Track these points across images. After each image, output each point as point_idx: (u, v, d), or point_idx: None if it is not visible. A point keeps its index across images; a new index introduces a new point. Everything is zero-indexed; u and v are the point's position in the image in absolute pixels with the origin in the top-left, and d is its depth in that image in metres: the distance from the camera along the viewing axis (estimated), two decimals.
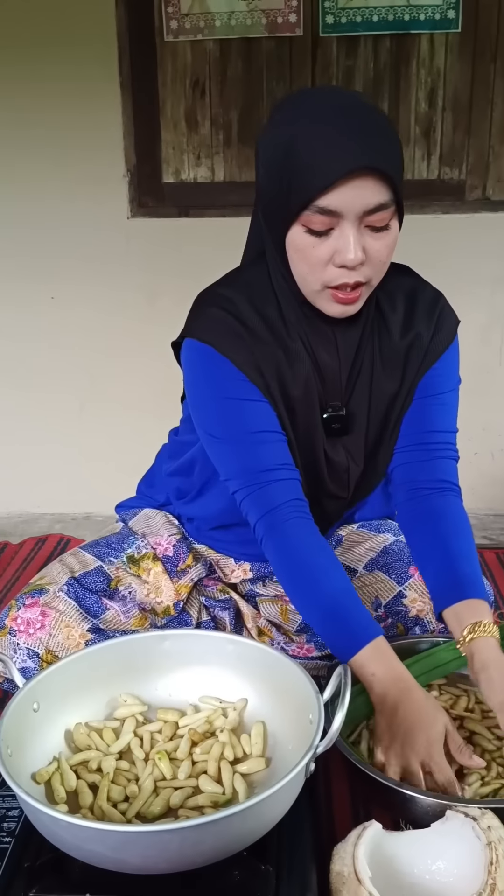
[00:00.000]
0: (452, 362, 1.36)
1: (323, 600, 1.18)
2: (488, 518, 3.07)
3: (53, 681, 1.05)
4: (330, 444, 1.30)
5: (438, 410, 1.34)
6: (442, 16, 2.59)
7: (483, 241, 2.77)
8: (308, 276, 1.15)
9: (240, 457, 1.24)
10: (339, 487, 1.34)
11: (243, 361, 1.21)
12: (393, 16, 2.59)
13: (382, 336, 1.28)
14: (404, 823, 1.00)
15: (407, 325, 1.29)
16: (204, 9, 2.63)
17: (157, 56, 2.68)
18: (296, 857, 0.94)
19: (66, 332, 2.96)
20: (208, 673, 1.13)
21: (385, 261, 1.15)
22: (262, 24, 2.63)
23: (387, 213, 1.09)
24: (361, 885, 0.91)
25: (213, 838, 0.83)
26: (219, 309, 1.22)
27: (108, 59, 2.68)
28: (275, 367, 1.23)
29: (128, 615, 1.36)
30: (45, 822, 0.86)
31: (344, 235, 1.08)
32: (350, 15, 2.60)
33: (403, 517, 1.35)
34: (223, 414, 1.24)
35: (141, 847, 0.82)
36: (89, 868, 0.88)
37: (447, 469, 1.33)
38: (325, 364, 1.25)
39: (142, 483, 1.60)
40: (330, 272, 1.12)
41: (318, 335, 1.24)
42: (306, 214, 1.08)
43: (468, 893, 0.90)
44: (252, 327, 1.22)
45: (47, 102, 2.71)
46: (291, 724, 1.03)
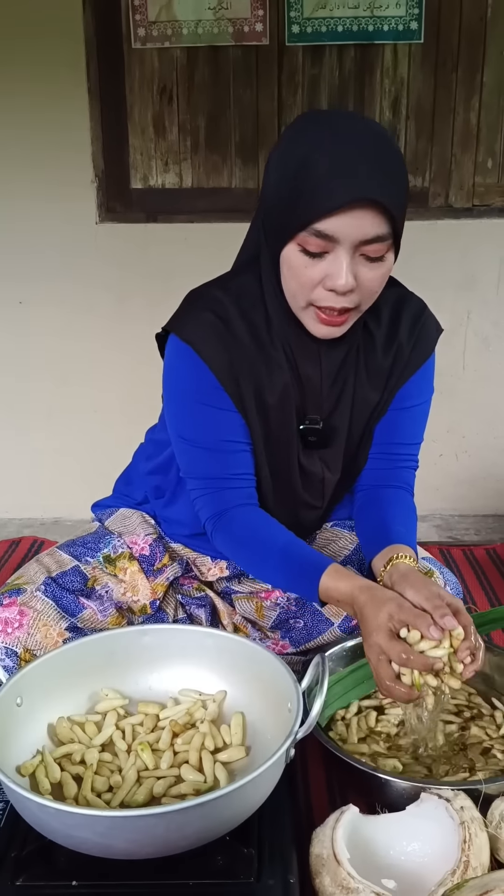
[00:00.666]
0: (428, 374, 1.38)
1: (274, 555, 1.24)
2: (453, 518, 3.13)
3: (36, 676, 1.07)
4: (305, 455, 1.33)
5: (408, 423, 1.38)
6: (405, 27, 2.64)
7: (446, 247, 2.83)
8: (297, 293, 1.17)
9: (203, 460, 1.29)
10: (313, 497, 1.37)
11: (220, 368, 1.23)
12: (357, 26, 2.64)
13: (368, 352, 1.31)
14: (380, 807, 1.03)
15: (391, 338, 1.31)
16: (171, 17, 2.65)
17: (125, 62, 2.70)
18: (277, 841, 0.97)
19: (34, 336, 2.97)
20: (188, 666, 1.15)
21: (376, 290, 1.17)
22: (228, 32, 2.66)
23: (382, 245, 1.11)
24: (340, 866, 0.94)
25: (197, 822, 0.86)
26: (208, 311, 1.24)
27: (75, 65, 2.69)
28: (252, 374, 1.25)
29: (104, 614, 1.38)
30: (32, 811, 0.87)
31: (337, 261, 1.10)
32: (315, 25, 2.65)
33: (357, 507, 1.42)
34: (195, 418, 1.28)
35: (128, 831, 0.84)
36: (75, 856, 0.90)
37: (405, 477, 1.41)
38: (307, 377, 1.28)
39: (119, 481, 1.61)
40: (318, 293, 1.14)
41: (302, 347, 1.26)
42: (303, 235, 1.10)
43: (443, 871, 0.93)
44: (236, 332, 1.24)
45: (15, 108, 2.72)
46: (271, 713, 1.05)
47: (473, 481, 3.11)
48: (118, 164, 2.80)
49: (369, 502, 1.39)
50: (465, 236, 2.82)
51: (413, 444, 1.41)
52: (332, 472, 1.35)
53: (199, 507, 1.31)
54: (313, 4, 2.62)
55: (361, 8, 2.62)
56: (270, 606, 1.46)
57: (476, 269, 2.85)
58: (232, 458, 1.28)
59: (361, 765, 1.06)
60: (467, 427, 3.04)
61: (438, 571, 1.41)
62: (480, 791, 1.00)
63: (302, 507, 1.37)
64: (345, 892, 0.91)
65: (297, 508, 1.37)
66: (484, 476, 3.12)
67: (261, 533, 1.27)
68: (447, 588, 1.39)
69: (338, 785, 1.16)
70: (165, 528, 1.52)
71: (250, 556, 1.29)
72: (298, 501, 1.36)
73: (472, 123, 2.73)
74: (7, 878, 0.91)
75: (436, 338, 1.36)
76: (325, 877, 0.94)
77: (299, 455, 1.32)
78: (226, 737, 1.07)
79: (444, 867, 0.95)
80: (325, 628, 1.43)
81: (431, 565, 1.41)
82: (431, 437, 3.05)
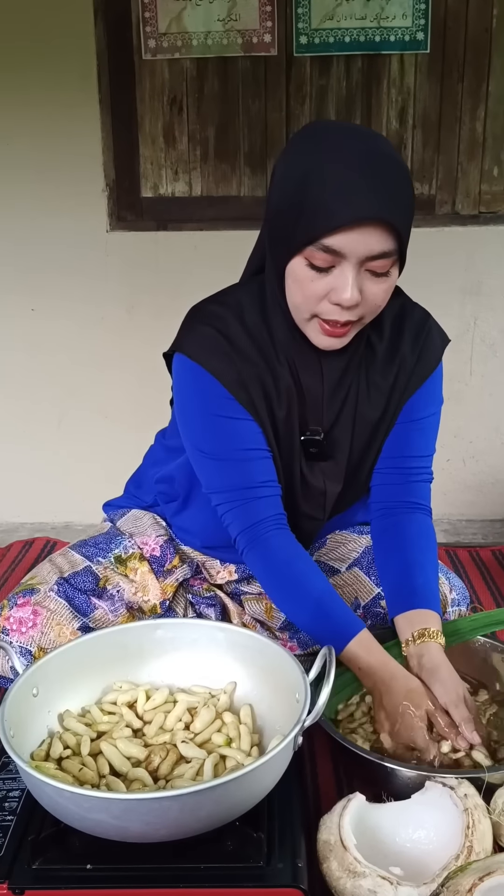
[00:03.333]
0: (436, 385, 1.38)
1: (308, 603, 1.24)
2: (461, 523, 3.15)
3: (52, 668, 1.10)
4: (308, 467, 1.34)
5: (418, 435, 1.38)
6: (411, 37, 2.68)
7: (452, 254, 2.86)
8: (301, 306, 1.18)
9: (226, 473, 1.29)
10: (314, 509, 1.38)
11: (230, 380, 1.24)
12: (364, 37, 2.68)
13: (370, 367, 1.31)
14: (386, 796, 1.05)
15: (392, 352, 1.31)
16: (181, 28, 2.70)
17: (136, 74, 2.75)
18: (286, 827, 0.99)
19: (46, 344, 3.01)
20: (199, 659, 1.18)
21: (380, 304, 1.18)
22: (237, 43, 2.71)
23: (388, 261, 1.12)
24: (347, 851, 0.96)
25: (209, 805, 0.88)
26: (209, 327, 1.25)
27: (87, 76, 2.75)
28: (261, 387, 1.26)
29: (115, 614, 1.40)
30: (49, 795, 0.90)
31: (343, 275, 1.11)
32: (323, 36, 2.69)
33: (374, 531, 1.42)
34: (211, 431, 1.28)
35: (142, 814, 0.87)
36: (90, 841, 0.93)
37: (420, 492, 1.39)
38: (308, 389, 1.29)
39: (129, 483, 1.64)
40: (323, 306, 1.15)
41: (304, 360, 1.27)
42: (310, 249, 1.11)
43: (448, 856, 0.96)
44: (240, 346, 1.25)
45: (28, 118, 2.77)
46: (280, 704, 1.08)
47: (481, 486, 3.14)
48: (129, 173, 2.84)
49: (387, 525, 1.38)
50: (471, 243, 2.85)
51: (425, 457, 1.40)
52: (334, 485, 1.36)
53: (229, 522, 1.30)
54: (321, 16, 2.67)
55: (368, 19, 2.66)
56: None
57: (482, 276, 2.89)
58: (254, 466, 1.28)
59: (368, 754, 1.08)
60: (474, 432, 3.07)
61: (445, 577, 1.43)
62: (483, 780, 1.02)
63: (302, 518, 1.38)
64: (351, 876, 0.94)
65: (298, 520, 1.37)
66: (491, 481, 3.14)
67: (296, 569, 1.27)
68: (453, 593, 1.42)
69: (345, 775, 1.19)
70: (176, 533, 1.55)
71: (284, 593, 1.28)
72: (299, 513, 1.37)
73: (478, 132, 2.77)
74: (24, 861, 0.94)
75: (441, 349, 1.36)
76: (332, 862, 0.96)
77: (302, 467, 1.33)
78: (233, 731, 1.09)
79: (449, 853, 0.97)
80: None
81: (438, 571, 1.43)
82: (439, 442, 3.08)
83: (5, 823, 1.01)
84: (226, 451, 1.28)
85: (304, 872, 0.94)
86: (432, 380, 1.36)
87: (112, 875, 0.93)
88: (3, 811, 1.03)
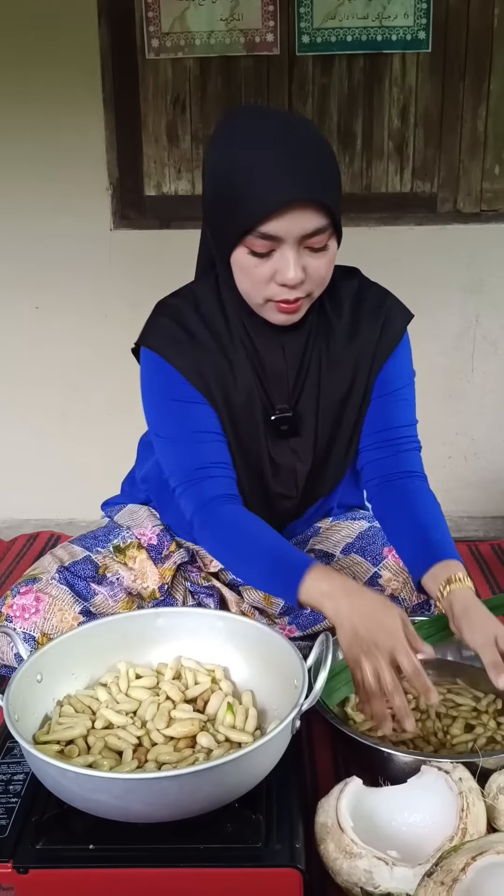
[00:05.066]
0: (404, 357, 1.42)
1: (261, 557, 1.24)
2: (462, 520, 3.17)
3: (56, 654, 1.12)
4: (275, 446, 1.38)
5: (398, 406, 1.41)
6: (413, 36, 2.70)
7: (454, 251, 2.88)
8: (251, 292, 1.24)
9: (179, 454, 1.34)
10: (285, 487, 1.42)
11: (185, 366, 1.31)
12: (366, 36, 2.71)
13: (330, 340, 1.36)
14: (382, 780, 1.07)
15: (353, 329, 1.36)
16: (184, 28, 2.72)
17: (139, 73, 2.78)
18: (284, 810, 1.01)
19: (50, 341, 3.03)
20: (199, 646, 1.20)
21: (325, 276, 1.23)
22: (240, 43, 2.73)
23: (324, 235, 1.17)
24: (344, 833, 0.98)
25: (208, 786, 0.90)
26: (167, 318, 1.32)
27: (91, 75, 2.78)
28: (217, 374, 1.32)
29: (115, 599, 1.43)
30: (53, 776, 0.92)
31: (284, 257, 1.17)
32: (325, 35, 2.71)
33: (376, 506, 1.44)
34: (167, 414, 1.34)
35: (143, 794, 0.89)
36: (92, 822, 0.95)
37: (412, 460, 1.42)
38: (273, 369, 1.34)
39: (125, 483, 1.69)
40: (272, 289, 1.21)
41: (265, 342, 1.32)
42: (249, 239, 1.16)
43: (443, 838, 0.98)
44: (196, 335, 1.31)
45: (32, 118, 2.80)
46: (279, 690, 1.10)
47: (483, 484, 3.16)
48: (132, 172, 2.87)
49: (388, 498, 1.40)
50: (473, 241, 2.87)
51: (409, 426, 1.43)
52: (304, 462, 1.40)
53: (183, 504, 1.34)
54: (323, 15, 2.69)
55: (370, 18, 2.69)
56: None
57: (484, 273, 2.91)
58: (206, 448, 1.33)
59: (364, 739, 1.10)
60: (476, 430, 3.09)
61: None
62: (478, 765, 1.04)
63: (276, 498, 1.42)
64: (348, 856, 0.96)
65: (272, 500, 1.41)
66: (493, 478, 3.16)
67: (244, 529, 1.28)
68: None
69: (343, 761, 1.20)
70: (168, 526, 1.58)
71: (235, 555, 1.30)
72: (272, 493, 1.41)
73: (480, 131, 2.79)
74: (28, 841, 0.96)
75: (403, 323, 1.39)
76: (329, 843, 0.98)
77: (269, 447, 1.37)
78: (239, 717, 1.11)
79: (444, 835, 0.99)
80: None
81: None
82: (440, 439, 3.13)
83: (10, 805, 1.03)
84: (179, 433, 1.33)
85: (302, 853, 0.95)
86: (399, 352, 1.40)
87: (113, 855, 0.94)
88: (7, 794, 1.05)
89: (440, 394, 3.01)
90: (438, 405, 3.02)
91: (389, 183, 2.83)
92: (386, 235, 2.85)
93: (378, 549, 1.47)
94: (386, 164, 2.81)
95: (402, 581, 1.43)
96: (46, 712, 1.10)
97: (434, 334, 2.92)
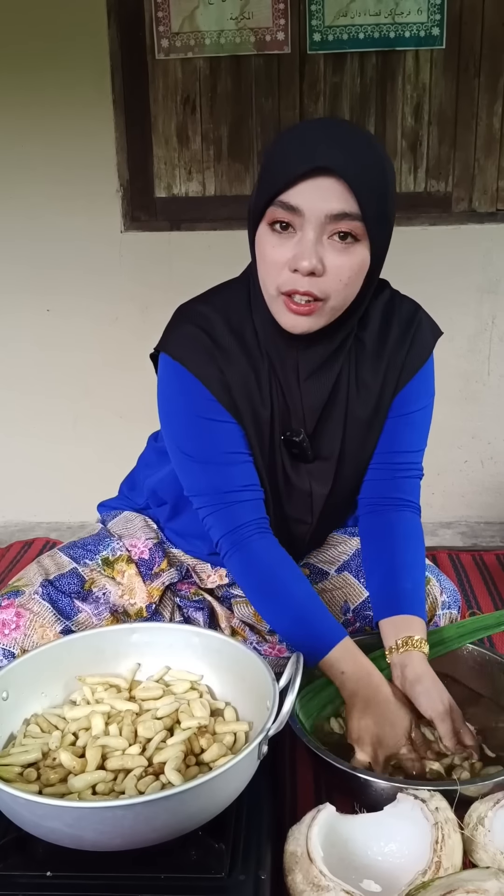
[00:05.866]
0: (427, 379, 1.35)
1: (290, 608, 1.22)
2: (479, 526, 3.11)
3: (23, 671, 1.09)
4: (293, 468, 1.32)
5: (407, 430, 1.34)
6: (426, 33, 2.65)
7: (469, 251, 2.82)
8: (266, 278, 1.16)
9: (208, 476, 1.27)
10: (301, 512, 1.35)
11: (213, 381, 1.23)
12: (378, 33, 2.65)
13: (360, 363, 1.28)
14: (359, 807, 1.03)
15: (381, 345, 1.28)
16: (194, 27, 2.69)
17: (149, 74, 2.75)
18: (252, 838, 0.97)
19: (62, 344, 3.02)
20: (174, 664, 1.16)
21: (346, 282, 1.13)
22: (250, 41, 2.69)
23: (350, 224, 1.08)
24: (313, 863, 0.94)
25: (165, 815, 0.87)
26: (194, 326, 1.23)
27: (101, 77, 2.75)
28: (245, 387, 1.24)
29: (99, 617, 1.39)
30: (5, 801, 0.89)
31: (305, 240, 1.09)
32: (337, 33, 2.66)
33: (362, 526, 1.39)
34: (194, 432, 1.27)
35: (95, 822, 0.85)
36: (52, 849, 0.92)
37: (409, 488, 1.35)
38: (287, 385, 1.26)
39: (123, 484, 1.63)
40: (285, 275, 1.12)
41: (279, 353, 1.24)
42: (271, 209, 1.10)
43: (415, 871, 0.93)
44: (224, 346, 1.23)
45: (42, 120, 2.79)
46: (252, 711, 1.06)
47: (499, 488, 3.09)
48: (142, 173, 2.84)
49: (375, 524, 1.35)
50: (488, 240, 2.81)
51: (414, 452, 1.36)
52: (321, 487, 1.33)
53: (210, 526, 1.28)
54: (334, 12, 2.65)
55: (383, 15, 2.64)
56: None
57: (501, 274, 2.85)
58: (237, 470, 1.26)
59: (340, 764, 1.05)
60: (493, 433, 3.02)
61: (436, 578, 1.40)
62: (457, 792, 1.00)
63: (290, 522, 1.36)
64: (315, 889, 0.92)
65: (287, 523, 1.36)
66: None
67: (278, 575, 1.24)
68: (443, 596, 1.39)
69: (325, 786, 1.16)
70: (168, 535, 1.53)
71: (265, 598, 1.26)
72: (286, 516, 1.35)
73: (496, 128, 2.73)
74: None
75: (433, 341, 1.32)
76: (297, 874, 0.94)
77: (286, 468, 1.31)
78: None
79: (419, 868, 0.95)
80: None
81: (428, 572, 1.40)
82: (456, 443, 3.07)
83: None
84: (208, 454, 1.26)
85: (267, 885, 0.91)
86: (423, 373, 1.32)
87: (71, 883, 0.91)
88: None
89: (456, 397, 2.95)
90: (454, 408, 2.96)
91: (403, 182, 2.77)
92: (399, 236, 2.75)
93: None
94: (399, 164, 2.75)
95: None
96: (12, 731, 1.07)
97: (449, 336, 2.86)
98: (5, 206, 2.90)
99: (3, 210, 2.91)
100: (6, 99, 2.78)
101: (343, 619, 1.42)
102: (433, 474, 3.08)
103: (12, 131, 2.81)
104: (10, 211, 2.90)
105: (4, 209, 2.91)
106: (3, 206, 2.91)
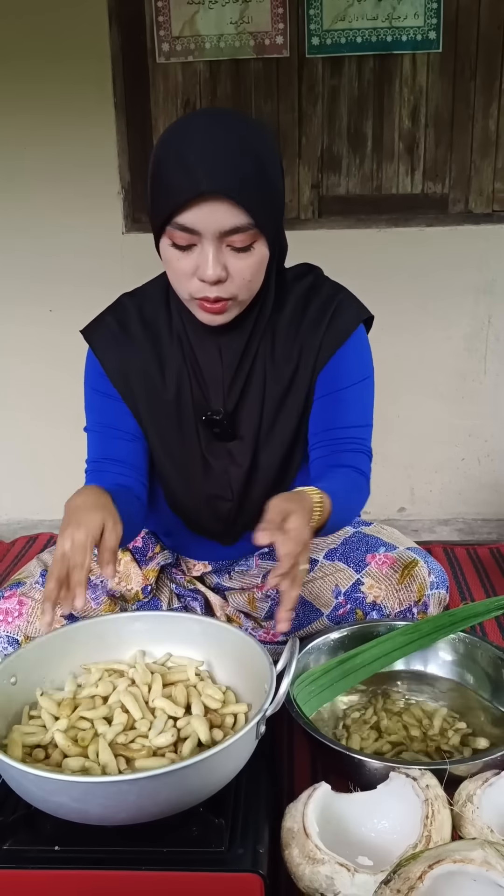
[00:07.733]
0: (353, 357, 1.35)
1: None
2: (476, 523, 3.15)
3: (30, 657, 1.13)
4: (210, 448, 1.36)
5: (341, 407, 1.35)
6: (423, 37, 2.69)
7: (466, 252, 2.86)
8: (176, 285, 1.22)
9: (90, 443, 1.41)
10: (220, 489, 1.39)
11: (110, 365, 1.35)
12: (376, 37, 2.69)
13: (274, 341, 1.32)
14: (353, 786, 1.07)
15: (295, 326, 1.32)
16: (194, 31, 2.73)
17: (150, 77, 2.79)
18: (250, 814, 1.01)
19: (64, 345, 3.05)
20: (176, 650, 1.21)
21: (250, 279, 1.18)
22: (250, 45, 2.73)
23: (245, 235, 1.13)
24: (308, 838, 0.98)
25: (168, 790, 0.91)
26: (110, 315, 1.37)
27: (102, 80, 2.79)
28: (145, 374, 1.34)
29: (97, 601, 1.45)
30: (15, 777, 0.93)
31: (203, 252, 1.13)
32: (335, 37, 2.70)
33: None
34: (88, 403, 1.41)
35: (101, 797, 0.89)
36: (59, 823, 0.96)
37: (356, 459, 1.35)
38: (207, 370, 1.32)
39: None
40: (194, 284, 1.17)
41: (201, 342, 1.31)
42: (169, 230, 1.14)
43: (407, 845, 0.98)
44: (132, 333, 1.34)
45: (44, 122, 2.82)
46: (251, 694, 1.10)
47: (496, 485, 3.13)
48: (144, 175, 2.86)
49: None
50: (485, 241, 2.85)
51: (354, 428, 1.36)
52: (239, 464, 1.37)
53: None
54: (333, 17, 2.68)
55: (380, 19, 2.67)
56: (262, 598, 1.51)
57: (496, 274, 2.88)
58: (109, 444, 1.37)
59: (334, 744, 1.10)
60: (489, 431, 3.06)
61: (423, 560, 1.43)
62: (446, 771, 1.04)
63: (212, 499, 1.41)
64: (311, 862, 0.96)
65: (209, 501, 1.41)
66: None
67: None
68: (431, 577, 1.42)
69: (321, 767, 1.21)
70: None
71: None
72: (206, 494, 1.40)
73: (491, 130, 2.76)
74: None
75: (355, 320, 1.33)
76: (293, 848, 0.99)
77: (202, 448, 1.36)
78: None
79: (410, 843, 0.99)
80: (315, 617, 1.48)
81: (416, 554, 1.44)
82: (453, 441, 3.10)
83: None
84: (92, 423, 1.40)
85: (265, 858, 0.96)
86: (347, 350, 1.33)
87: (77, 856, 0.95)
88: None
89: (452, 396, 2.99)
90: (451, 407, 3.00)
91: (400, 184, 2.81)
92: (396, 237, 2.83)
93: (361, 556, 1.46)
94: (396, 166, 2.80)
95: (385, 589, 1.42)
96: (20, 711, 1.11)
97: (446, 336, 2.90)
98: (8, 207, 2.94)
99: (6, 211, 2.94)
100: (9, 102, 2.81)
101: (335, 602, 1.46)
102: (431, 471, 3.13)
103: (15, 134, 2.85)
104: (12, 213, 2.94)
105: (7, 210, 2.94)
106: (6, 208, 2.94)
